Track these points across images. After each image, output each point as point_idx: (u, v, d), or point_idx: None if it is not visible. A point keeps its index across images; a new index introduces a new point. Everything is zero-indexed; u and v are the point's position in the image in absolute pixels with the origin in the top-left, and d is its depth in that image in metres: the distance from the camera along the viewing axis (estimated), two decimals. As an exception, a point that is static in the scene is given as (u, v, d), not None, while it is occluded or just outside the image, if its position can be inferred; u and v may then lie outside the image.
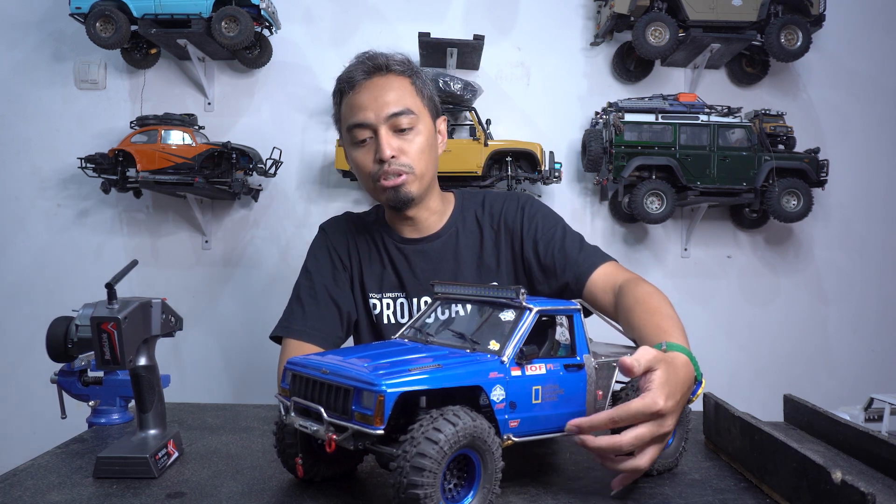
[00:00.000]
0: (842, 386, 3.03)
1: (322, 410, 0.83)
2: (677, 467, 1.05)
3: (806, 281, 3.06)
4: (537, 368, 0.90)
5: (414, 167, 1.46)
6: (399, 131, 1.44)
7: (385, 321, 1.55)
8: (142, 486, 0.97)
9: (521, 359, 0.89)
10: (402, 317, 1.55)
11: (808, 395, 1.40)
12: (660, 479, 1.00)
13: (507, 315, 0.96)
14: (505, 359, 0.88)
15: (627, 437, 0.87)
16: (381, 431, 0.77)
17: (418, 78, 1.50)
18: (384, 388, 0.77)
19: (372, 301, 1.57)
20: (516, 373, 0.88)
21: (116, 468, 1.00)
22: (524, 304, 0.94)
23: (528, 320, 0.92)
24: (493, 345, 0.91)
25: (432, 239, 1.58)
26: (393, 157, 1.43)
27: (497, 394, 0.85)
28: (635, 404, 0.87)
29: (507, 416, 0.87)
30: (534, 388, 0.89)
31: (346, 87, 1.46)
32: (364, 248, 1.60)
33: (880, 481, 0.99)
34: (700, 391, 1.03)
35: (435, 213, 1.58)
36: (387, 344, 1.05)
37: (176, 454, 1.09)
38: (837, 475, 0.74)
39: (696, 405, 1.15)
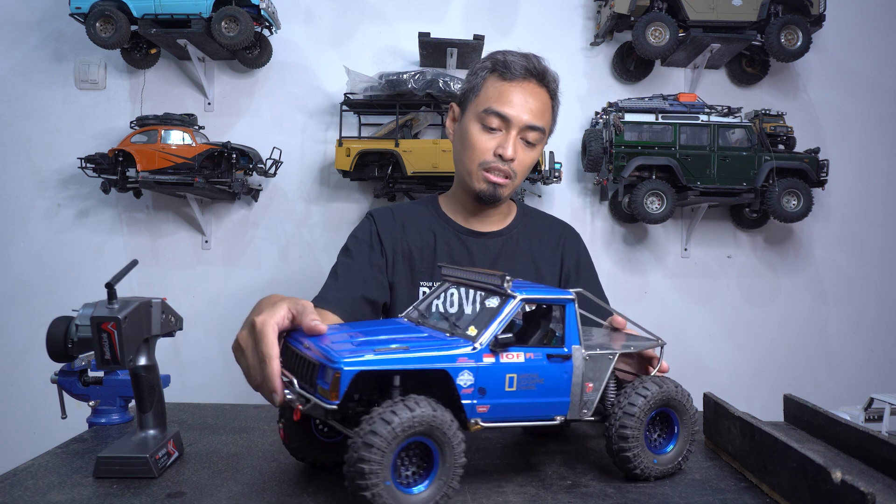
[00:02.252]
0: (842, 386, 3.03)
1: (294, 381, 0.88)
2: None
3: (806, 281, 3.06)
4: (514, 356, 0.91)
5: (518, 176, 1.57)
6: (524, 141, 1.53)
7: (433, 309, 1.57)
8: (142, 486, 0.97)
9: (496, 346, 0.89)
10: (452, 306, 1.57)
11: (808, 394, 1.40)
12: (660, 479, 1.00)
13: (493, 302, 0.97)
14: (478, 345, 0.88)
15: None
16: (335, 407, 0.81)
17: (556, 100, 1.61)
18: (341, 365, 0.81)
19: (422, 288, 1.60)
20: (489, 359, 0.89)
21: (116, 468, 1.00)
22: (509, 291, 0.94)
23: (510, 308, 0.92)
24: (472, 330, 0.92)
25: (495, 235, 1.65)
26: (511, 160, 1.52)
27: (464, 379, 0.87)
28: None
29: (474, 401, 0.88)
30: (508, 375, 0.90)
31: (503, 71, 1.52)
32: (417, 237, 1.64)
33: (880, 481, 0.99)
34: None
35: (501, 212, 1.68)
36: (385, 322, 1.11)
37: (176, 454, 1.09)
38: (837, 475, 0.74)
39: (697, 405, 1.15)
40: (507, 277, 0.95)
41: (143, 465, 0.99)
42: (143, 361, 1.09)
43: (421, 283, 1.60)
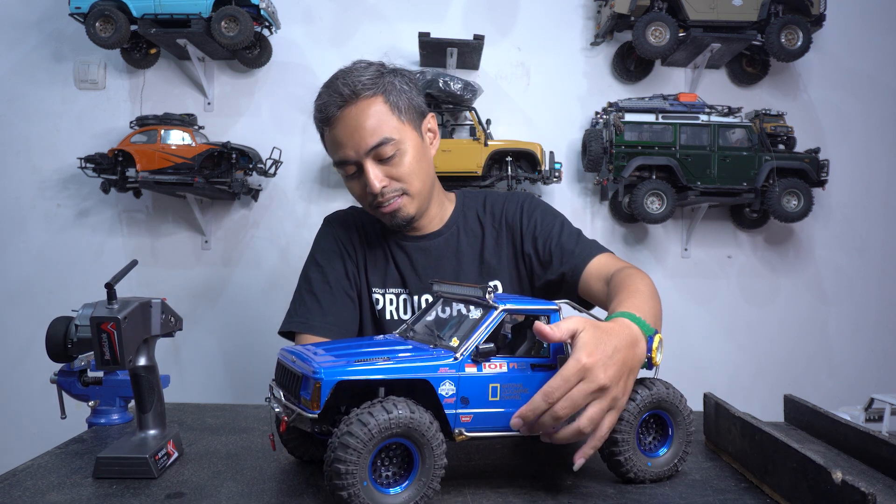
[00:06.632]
0: (842, 386, 3.03)
1: (282, 393, 0.93)
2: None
3: (806, 281, 3.06)
4: (497, 366, 0.91)
5: (408, 188, 1.46)
6: (384, 159, 1.43)
7: (388, 317, 1.56)
8: (142, 486, 0.97)
9: (478, 356, 0.90)
10: (405, 313, 1.55)
11: (808, 395, 1.40)
12: (656, 482, 1.00)
13: (476, 313, 0.98)
14: (459, 355, 0.89)
15: (561, 403, 0.89)
16: (315, 416, 0.84)
17: (392, 91, 1.43)
18: (322, 375, 0.84)
19: (375, 296, 1.57)
20: (471, 370, 0.90)
21: (116, 468, 1.00)
22: (491, 302, 0.95)
23: (492, 319, 0.93)
24: (454, 342, 0.93)
25: (434, 237, 1.60)
26: (384, 186, 1.43)
27: (446, 389, 0.88)
28: (561, 370, 0.89)
29: (457, 411, 0.89)
30: (491, 385, 0.90)
31: (324, 119, 1.44)
32: (368, 243, 1.62)
33: (880, 481, 0.99)
34: (656, 345, 1.00)
35: (435, 217, 1.60)
36: (372, 338, 1.14)
37: (176, 454, 1.09)
38: (838, 475, 0.74)
39: (697, 405, 1.15)
40: (490, 289, 0.96)
41: (142, 465, 0.99)
42: (143, 361, 1.09)
43: (374, 291, 1.58)
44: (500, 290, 1.57)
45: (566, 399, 0.89)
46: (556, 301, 1.00)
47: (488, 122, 2.79)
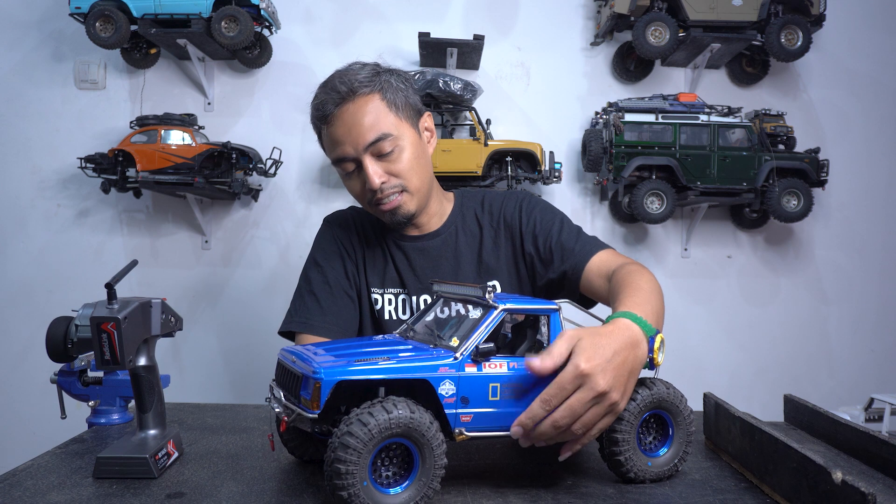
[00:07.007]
0: (842, 386, 3.03)
1: (282, 393, 0.93)
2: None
3: (806, 281, 3.06)
4: (497, 366, 0.91)
5: (407, 185, 1.46)
6: (383, 155, 1.43)
7: (386, 316, 1.56)
8: (142, 486, 0.97)
9: (478, 356, 0.90)
10: (404, 313, 1.55)
11: (808, 395, 1.40)
12: (656, 482, 1.00)
13: (476, 313, 0.98)
14: (458, 355, 0.90)
15: (560, 412, 0.89)
16: (315, 416, 0.84)
17: (388, 89, 1.44)
18: (322, 375, 0.84)
19: (374, 296, 1.57)
20: (471, 369, 0.90)
21: (116, 468, 1.00)
22: (491, 302, 0.95)
23: (493, 318, 0.94)
24: (454, 341, 0.93)
25: (432, 237, 1.59)
26: (383, 182, 1.43)
27: (446, 388, 0.88)
28: (559, 377, 0.90)
29: (457, 411, 0.89)
30: (491, 385, 0.91)
31: (322, 116, 1.44)
32: (367, 243, 1.62)
33: (880, 481, 0.99)
34: (657, 345, 1.00)
35: (435, 215, 1.60)
36: (372, 338, 1.14)
37: (176, 454, 1.09)
38: (838, 475, 0.74)
39: (697, 405, 1.15)
40: (489, 289, 0.96)
41: (142, 465, 0.99)
42: (143, 361, 1.09)
43: (373, 290, 1.58)
44: (500, 289, 1.57)
45: (565, 408, 0.89)
46: (557, 301, 1.00)
47: (488, 122, 2.79)
